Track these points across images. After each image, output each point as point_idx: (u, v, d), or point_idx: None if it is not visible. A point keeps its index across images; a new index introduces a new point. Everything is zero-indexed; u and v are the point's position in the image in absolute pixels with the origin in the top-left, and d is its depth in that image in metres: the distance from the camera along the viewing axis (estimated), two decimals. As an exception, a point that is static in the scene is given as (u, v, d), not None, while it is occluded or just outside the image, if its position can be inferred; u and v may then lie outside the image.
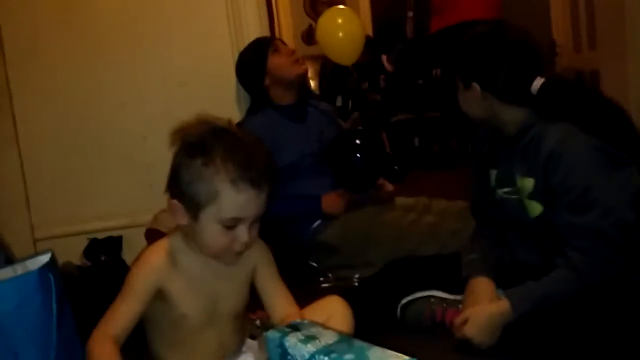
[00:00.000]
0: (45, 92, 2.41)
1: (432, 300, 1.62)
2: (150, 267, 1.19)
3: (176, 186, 1.16)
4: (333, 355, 0.88)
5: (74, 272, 2.09)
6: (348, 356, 0.87)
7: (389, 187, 2.31)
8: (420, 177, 4.04)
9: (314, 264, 2.22)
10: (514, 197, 1.52)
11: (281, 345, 0.96)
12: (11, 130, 2.35)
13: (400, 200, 2.31)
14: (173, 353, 1.23)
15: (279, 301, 1.31)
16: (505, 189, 1.55)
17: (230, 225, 1.14)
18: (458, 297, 1.61)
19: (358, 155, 2.15)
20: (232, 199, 1.12)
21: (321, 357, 0.88)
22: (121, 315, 1.16)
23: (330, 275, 2.16)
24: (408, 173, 3.77)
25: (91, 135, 2.43)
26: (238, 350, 1.28)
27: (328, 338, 0.94)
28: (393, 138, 4.26)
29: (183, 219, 1.18)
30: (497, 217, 1.63)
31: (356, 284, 2.03)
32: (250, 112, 2.34)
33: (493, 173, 1.59)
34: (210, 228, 1.15)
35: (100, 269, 2.17)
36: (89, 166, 2.43)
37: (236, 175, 1.12)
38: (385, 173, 2.35)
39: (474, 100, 1.50)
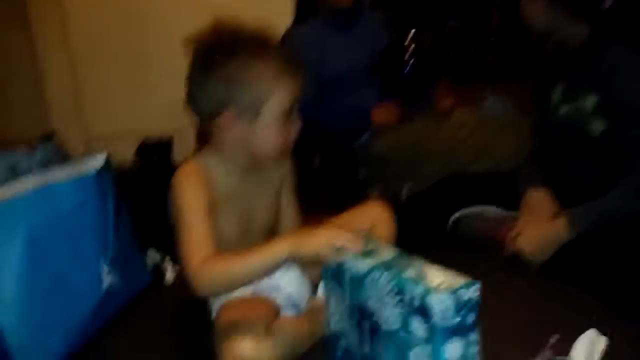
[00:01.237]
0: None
1: (485, 215, 1.59)
2: (196, 184, 1.13)
3: (221, 100, 1.10)
4: (393, 271, 0.87)
5: (126, 172, 2.12)
6: (408, 273, 0.86)
7: (449, 100, 2.22)
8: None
9: (362, 177, 2.20)
10: (576, 115, 1.44)
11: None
12: (60, 31, 2.33)
13: (455, 114, 2.23)
14: None
15: (294, 216, 1.33)
16: (568, 107, 1.47)
17: (288, 115, 1.13)
18: (511, 214, 1.57)
19: (412, 61, 2.06)
20: (289, 83, 1.11)
21: (380, 272, 0.88)
22: (201, 238, 1.07)
23: (378, 188, 2.14)
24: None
25: (143, 34, 2.39)
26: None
27: (386, 253, 0.93)
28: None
29: (237, 131, 1.13)
30: (557, 136, 1.55)
31: (405, 197, 2.01)
32: (297, 21, 2.25)
33: (556, 91, 1.51)
34: (271, 129, 1.12)
35: (151, 169, 2.20)
36: (140, 66, 2.42)
37: (284, 60, 1.11)
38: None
39: (539, 10, 1.40)
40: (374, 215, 1.30)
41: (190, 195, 1.11)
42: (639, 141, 1.32)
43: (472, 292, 0.82)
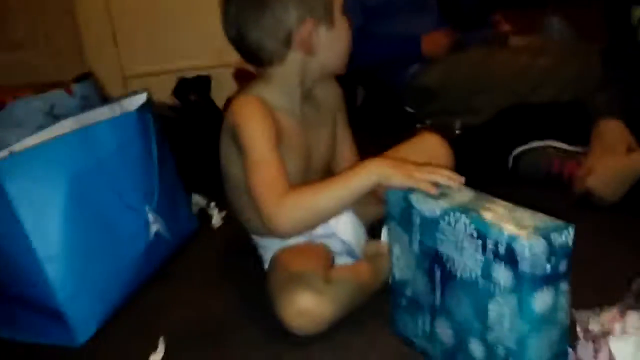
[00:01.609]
0: None
1: (550, 150, 1.47)
2: (262, 115, 1.04)
3: (292, 17, 1.03)
4: (473, 214, 0.77)
5: (166, 111, 2.05)
6: (489, 215, 0.77)
7: (506, 26, 2.05)
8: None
9: (412, 110, 2.08)
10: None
11: (405, 199, 0.87)
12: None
13: (513, 40, 2.07)
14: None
15: (348, 151, 1.26)
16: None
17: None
18: (579, 149, 1.46)
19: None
20: None
21: (457, 214, 0.78)
22: (276, 173, 0.98)
23: (428, 122, 2.02)
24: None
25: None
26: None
27: (462, 195, 0.84)
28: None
29: (318, 43, 1.07)
30: (635, 61, 1.41)
31: (458, 132, 1.90)
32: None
33: (637, 10, 1.35)
34: (344, 25, 1.09)
35: (190, 109, 2.12)
36: (175, 2, 2.30)
37: None
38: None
39: None
40: (431, 150, 1.20)
41: (258, 126, 1.02)
42: None
43: (566, 237, 0.73)
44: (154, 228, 1.20)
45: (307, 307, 0.94)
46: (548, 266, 0.71)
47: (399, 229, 0.90)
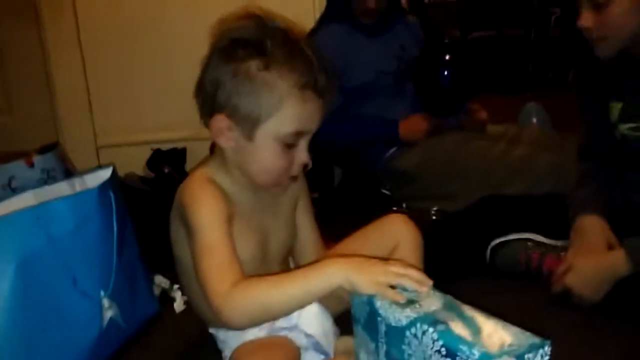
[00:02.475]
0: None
1: (529, 244, 1.43)
2: (214, 197, 0.96)
3: (221, 98, 0.94)
4: (440, 327, 0.72)
5: (136, 183, 2.00)
6: (458, 329, 0.71)
7: (483, 113, 2.06)
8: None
9: (388, 192, 2.05)
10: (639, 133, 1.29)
11: (370, 304, 0.81)
12: (73, 33, 2.22)
13: (491, 128, 2.07)
14: None
15: (311, 238, 1.17)
16: (630, 125, 1.31)
17: (291, 142, 0.96)
18: (558, 243, 1.42)
19: (446, 72, 1.91)
20: (298, 108, 0.93)
21: (425, 327, 0.72)
22: (227, 260, 0.91)
23: (404, 205, 1.99)
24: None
25: (155, 41, 2.28)
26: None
27: (430, 302, 0.78)
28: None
29: (230, 140, 0.97)
30: (613, 157, 1.40)
31: (434, 217, 1.86)
32: (325, 20, 2.09)
33: (616, 107, 1.35)
34: (267, 148, 0.96)
35: (164, 181, 2.07)
36: (152, 73, 2.31)
37: (304, 80, 0.93)
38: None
39: (632, 10, 1.20)
40: (398, 233, 1.13)
41: (209, 209, 0.94)
42: None
43: (543, 355, 0.67)
44: (108, 315, 1.12)
45: None
46: (524, 389, 0.65)
47: (364, 334, 0.84)
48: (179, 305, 1.39)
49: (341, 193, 2.16)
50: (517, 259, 1.43)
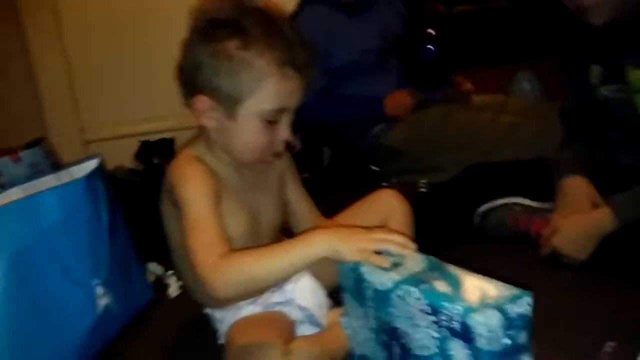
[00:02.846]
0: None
1: (516, 208, 1.45)
2: (201, 173, 0.98)
3: (202, 79, 0.96)
4: (423, 286, 0.73)
5: (126, 175, 2.00)
6: (441, 286, 0.72)
7: (468, 85, 2.07)
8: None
9: (377, 169, 2.06)
10: (621, 94, 1.30)
11: (355, 271, 0.83)
12: (55, 29, 2.21)
13: (476, 98, 2.08)
14: None
15: (306, 210, 1.19)
16: (611, 86, 1.32)
17: (273, 119, 0.98)
18: (545, 205, 1.43)
19: (431, 47, 1.91)
20: (278, 86, 0.95)
21: (408, 287, 0.74)
22: (215, 233, 0.92)
23: (393, 180, 2.01)
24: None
25: (137, 33, 2.27)
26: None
27: (414, 264, 0.80)
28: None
29: (212, 120, 0.99)
30: (596, 119, 1.41)
31: (423, 189, 1.88)
32: (306, 2, 2.09)
33: (596, 69, 1.35)
34: (249, 126, 0.97)
35: (153, 172, 2.08)
36: (137, 65, 2.30)
37: (283, 57, 0.94)
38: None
39: None
40: (387, 206, 1.16)
41: (197, 184, 0.96)
42: None
43: (524, 306, 0.68)
44: (102, 302, 1.13)
45: None
46: (506, 340, 0.67)
47: (353, 301, 0.85)
48: (173, 291, 1.41)
49: (331, 172, 2.17)
50: (505, 224, 1.44)
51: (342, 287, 0.87)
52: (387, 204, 1.17)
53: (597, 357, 0.90)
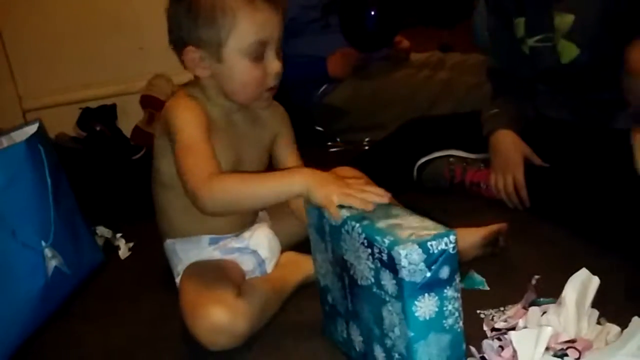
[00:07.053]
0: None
1: (451, 159, 1.52)
2: (194, 106, 1.04)
3: (186, 36, 1.03)
4: (365, 222, 0.79)
5: (68, 143, 1.98)
6: (381, 223, 0.78)
7: (406, 43, 2.11)
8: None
9: (321, 129, 2.10)
10: (547, 44, 1.37)
11: (318, 208, 0.88)
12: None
13: (414, 56, 2.13)
14: (188, 218, 1.10)
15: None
16: (537, 37, 1.38)
17: (257, 54, 1.03)
18: (479, 156, 1.51)
19: (372, 12, 1.91)
20: (251, 19, 1.00)
21: (352, 223, 0.80)
22: (206, 155, 0.98)
23: (338, 139, 2.06)
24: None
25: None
26: (253, 221, 1.20)
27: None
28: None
29: (204, 69, 1.05)
30: (523, 73, 1.48)
31: (367, 147, 1.94)
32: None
33: (520, 22, 1.42)
34: (238, 66, 1.03)
35: (96, 139, 2.06)
36: (74, 30, 2.25)
37: None
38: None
39: None
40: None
41: (191, 116, 1.02)
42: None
43: (447, 243, 0.73)
44: (52, 264, 1.15)
45: (220, 323, 0.94)
46: (428, 273, 0.73)
47: (317, 236, 0.92)
48: (123, 253, 1.43)
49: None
50: (441, 175, 1.52)
51: (308, 222, 0.93)
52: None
53: (526, 290, 0.97)
